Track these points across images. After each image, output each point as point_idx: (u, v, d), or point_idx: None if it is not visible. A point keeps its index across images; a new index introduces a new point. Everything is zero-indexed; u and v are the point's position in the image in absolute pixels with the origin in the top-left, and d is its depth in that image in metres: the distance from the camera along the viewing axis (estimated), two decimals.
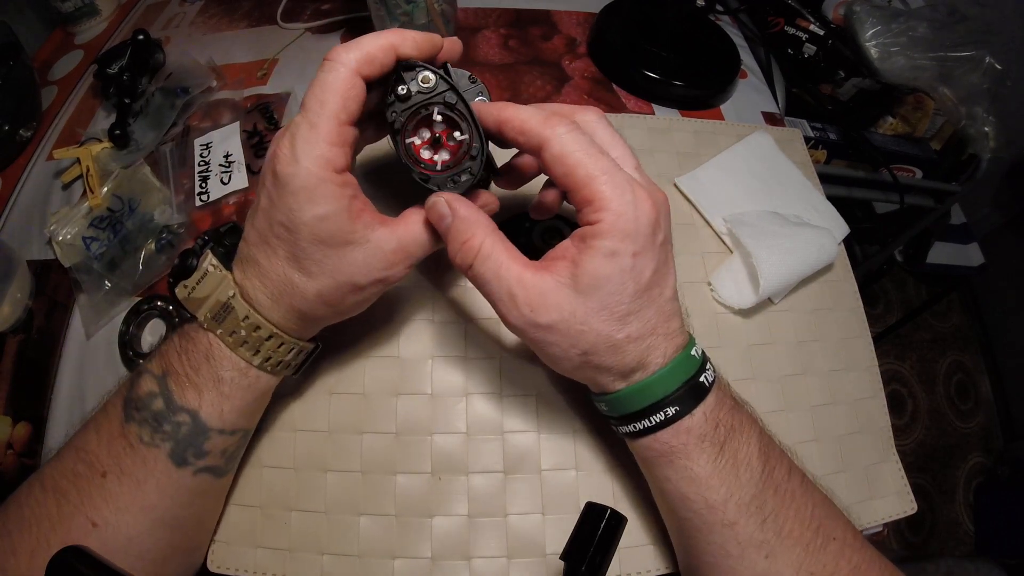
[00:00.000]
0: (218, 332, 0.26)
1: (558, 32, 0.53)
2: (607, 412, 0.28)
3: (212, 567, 0.31)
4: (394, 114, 0.26)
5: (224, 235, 0.38)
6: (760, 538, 0.25)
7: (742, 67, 0.52)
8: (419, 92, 0.26)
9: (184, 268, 0.36)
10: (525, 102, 0.47)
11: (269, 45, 0.52)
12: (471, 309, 0.37)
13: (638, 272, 0.24)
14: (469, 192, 0.28)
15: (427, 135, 0.27)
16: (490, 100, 0.28)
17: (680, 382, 0.25)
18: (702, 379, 0.26)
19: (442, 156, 0.27)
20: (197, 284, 0.27)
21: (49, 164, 0.47)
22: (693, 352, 0.26)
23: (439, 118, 0.26)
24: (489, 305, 0.37)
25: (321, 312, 0.27)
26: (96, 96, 0.51)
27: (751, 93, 0.52)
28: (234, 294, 0.26)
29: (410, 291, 0.38)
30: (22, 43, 0.50)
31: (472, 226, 0.25)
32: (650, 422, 0.26)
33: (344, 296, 0.27)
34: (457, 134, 0.27)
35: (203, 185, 0.43)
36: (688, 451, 0.26)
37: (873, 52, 0.60)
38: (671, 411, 0.25)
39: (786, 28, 0.64)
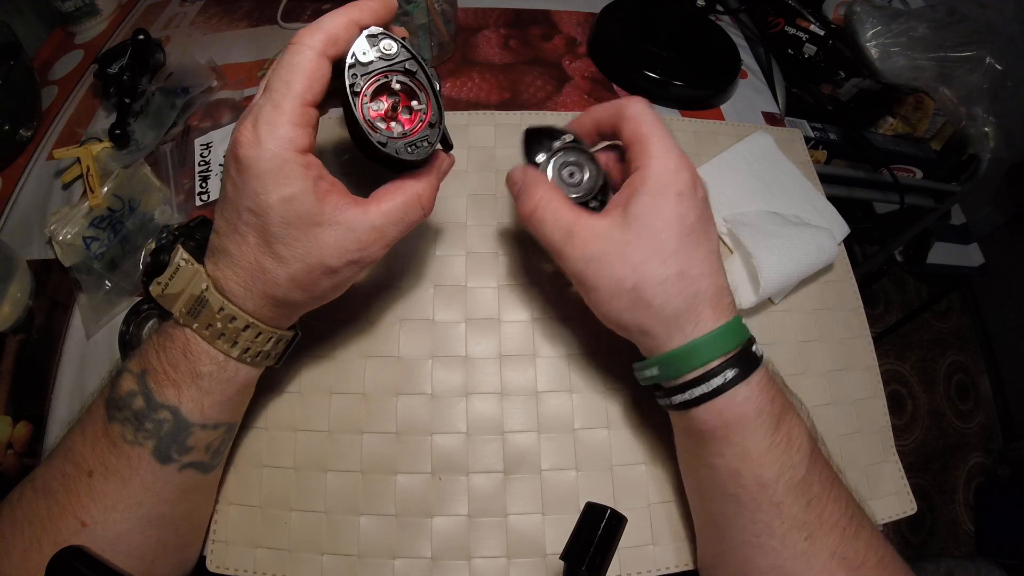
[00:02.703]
0: (194, 326, 0.26)
1: (558, 32, 0.53)
2: (659, 377, 0.28)
3: (211, 567, 0.31)
4: (354, 77, 0.26)
5: (194, 229, 0.37)
6: (803, 519, 0.26)
7: (742, 67, 0.52)
8: (380, 58, 0.26)
9: (156, 265, 0.36)
10: (525, 102, 0.47)
11: (269, 45, 0.52)
12: (471, 309, 0.37)
13: (683, 212, 0.27)
14: (426, 160, 0.28)
15: (383, 106, 0.27)
16: (439, 85, 0.28)
17: (735, 345, 0.26)
18: (754, 349, 0.27)
19: (397, 127, 0.27)
20: (170, 280, 0.27)
21: (49, 164, 0.47)
22: (744, 323, 0.27)
23: (397, 86, 0.26)
24: (488, 304, 0.37)
25: (296, 297, 0.27)
26: (96, 96, 0.51)
27: (751, 93, 0.52)
28: (207, 287, 0.26)
29: (410, 291, 0.38)
30: (22, 43, 0.50)
31: (538, 181, 0.30)
32: (708, 387, 0.26)
33: (317, 279, 0.26)
34: (415, 103, 0.27)
35: (203, 185, 0.43)
36: (744, 425, 0.26)
37: (873, 52, 0.60)
38: (729, 374, 0.25)
39: (786, 28, 0.64)
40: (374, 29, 0.26)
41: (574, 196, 0.30)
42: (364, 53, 0.26)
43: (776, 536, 0.26)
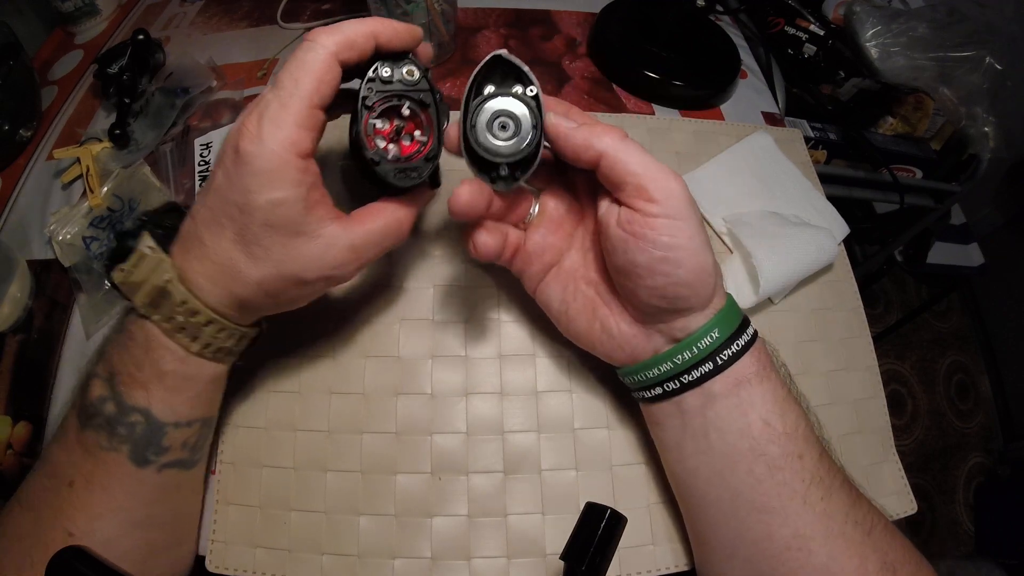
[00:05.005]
0: (155, 318, 0.25)
1: (558, 32, 0.53)
2: (715, 341, 0.27)
3: (211, 567, 0.31)
4: (370, 90, 0.26)
5: (164, 216, 0.36)
6: (819, 474, 0.26)
7: (742, 67, 0.52)
8: (400, 81, 0.26)
9: (121, 250, 0.34)
10: None
11: (269, 45, 0.52)
12: (471, 309, 0.37)
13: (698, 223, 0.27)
14: (410, 190, 0.28)
15: (388, 126, 0.27)
16: (447, 122, 0.28)
17: (741, 312, 0.29)
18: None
19: (394, 149, 0.27)
20: (134, 268, 0.25)
21: (49, 164, 0.47)
22: None
23: (407, 112, 0.27)
24: (488, 304, 0.37)
25: (260, 301, 0.26)
26: (96, 96, 0.51)
27: (751, 93, 0.52)
28: (170, 278, 0.25)
29: (410, 291, 0.38)
30: (22, 43, 0.50)
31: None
32: (749, 334, 0.28)
33: (286, 288, 0.26)
34: (418, 134, 0.27)
35: (203, 185, 0.43)
36: (772, 368, 0.28)
37: (873, 52, 0.60)
38: (751, 328, 0.28)
39: (786, 28, 0.64)
40: (402, 53, 0.27)
41: (486, 152, 0.26)
42: (387, 71, 0.26)
43: (798, 496, 0.26)
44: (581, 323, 0.30)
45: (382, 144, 0.27)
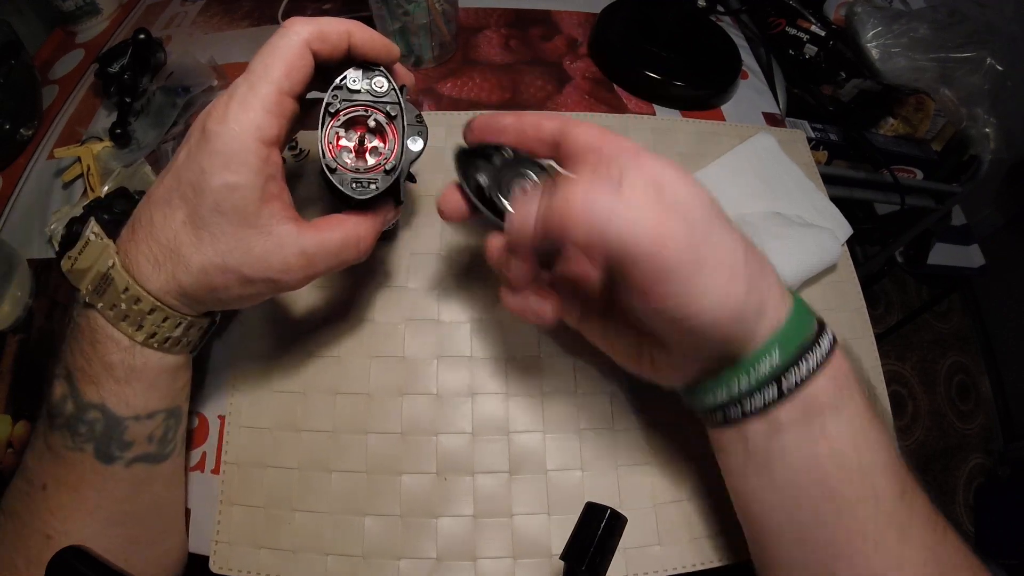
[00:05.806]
0: (99, 306, 0.24)
1: (559, 32, 0.53)
2: (776, 369, 0.23)
3: (214, 568, 0.31)
4: (334, 97, 0.26)
5: (113, 200, 0.35)
6: (897, 515, 0.23)
7: (743, 68, 0.53)
8: (368, 92, 0.27)
9: (70, 238, 0.34)
10: (526, 102, 0.47)
11: None
12: (477, 310, 0.37)
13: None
14: (369, 203, 0.28)
15: (353, 137, 0.27)
16: (425, 145, 0.28)
17: (812, 322, 0.24)
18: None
19: (356, 163, 0.27)
20: (79, 254, 0.25)
21: (50, 163, 0.46)
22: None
23: (373, 124, 0.27)
24: (493, 305, 0.37)
25: (202, 294, 0.25)
26: (97, 95, 0.51)
27: (752, 94, 0.52)
28: (113, 264, 0.24)
29: (415, 291, 0.37)
30: (23, 42, 0.50)
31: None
32: (820, 345, 0.23)
33: (229, 283, 0.25)
34: (382, 146, 0.27)
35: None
36: (847, 397, 0.23)
37: (874, 53, 0.60)
38: (828, 338, 0.24)
39: (787, 29, 0.64)
40: (374, 65, 0.27)
41: None
42: (354, 81, 0.26)
43: (870, 540, 0.23)
44: (630, 360, 0.29)
45: (346, 155, 0.27)
